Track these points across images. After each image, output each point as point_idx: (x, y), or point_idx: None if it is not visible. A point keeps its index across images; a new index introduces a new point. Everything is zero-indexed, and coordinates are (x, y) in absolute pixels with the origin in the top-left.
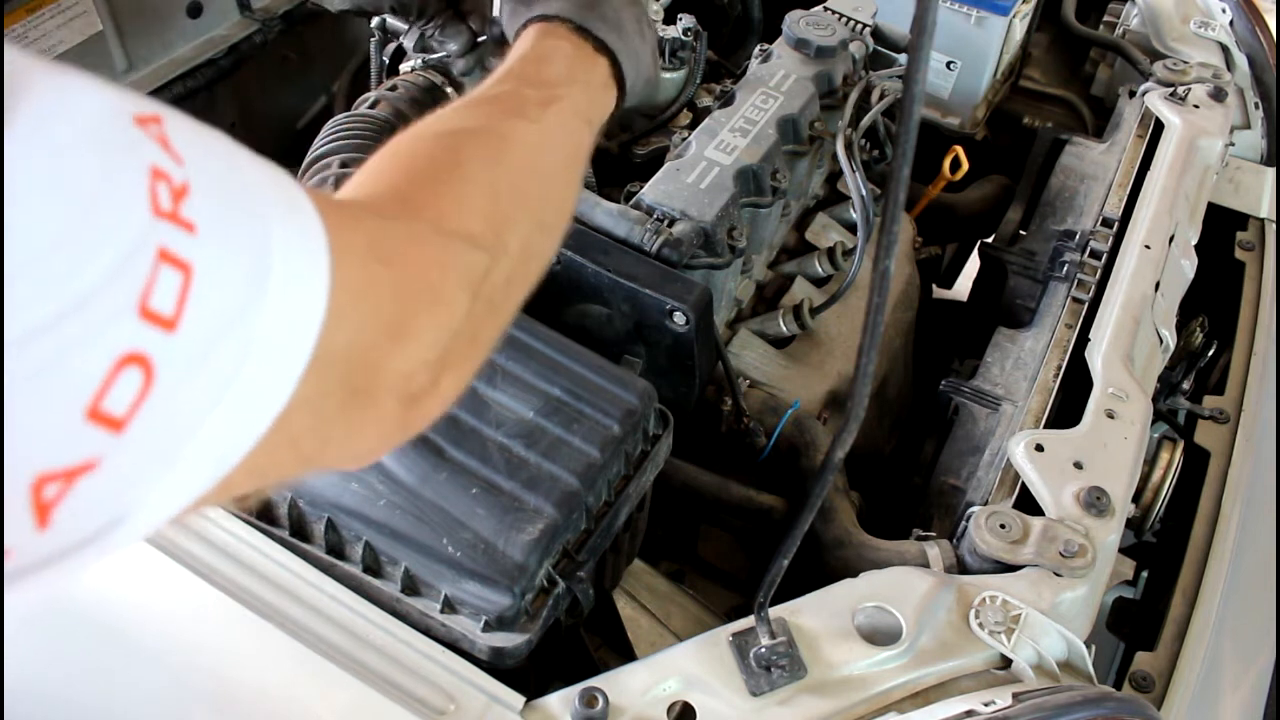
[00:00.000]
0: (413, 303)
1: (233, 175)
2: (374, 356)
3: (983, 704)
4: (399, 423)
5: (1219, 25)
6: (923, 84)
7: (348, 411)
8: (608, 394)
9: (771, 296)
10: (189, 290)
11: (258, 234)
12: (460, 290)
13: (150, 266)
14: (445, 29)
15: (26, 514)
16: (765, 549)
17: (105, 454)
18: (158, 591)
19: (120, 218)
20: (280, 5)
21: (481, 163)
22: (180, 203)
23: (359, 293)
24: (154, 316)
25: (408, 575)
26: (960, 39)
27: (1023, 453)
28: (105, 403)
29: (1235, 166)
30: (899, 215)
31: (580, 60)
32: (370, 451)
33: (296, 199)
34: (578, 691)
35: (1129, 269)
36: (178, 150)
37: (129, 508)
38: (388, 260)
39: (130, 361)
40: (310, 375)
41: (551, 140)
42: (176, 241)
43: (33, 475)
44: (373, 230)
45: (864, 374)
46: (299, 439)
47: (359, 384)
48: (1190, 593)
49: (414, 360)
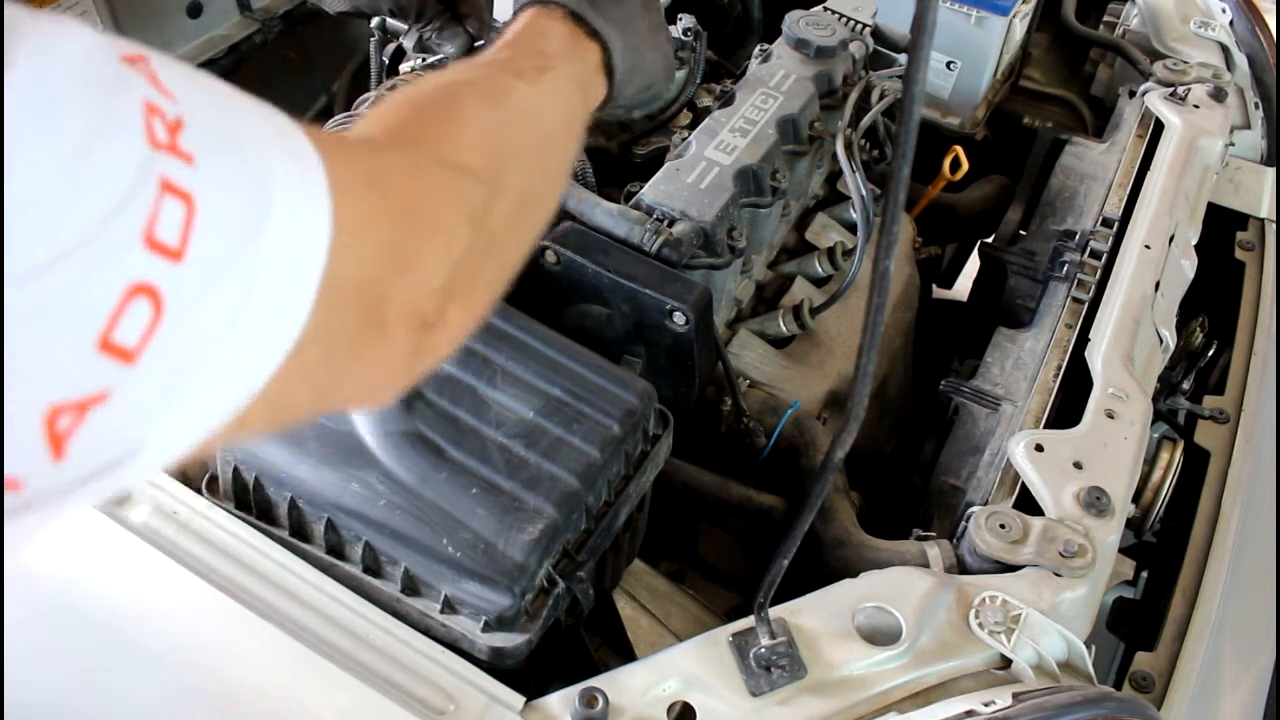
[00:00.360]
0: (414, 231)
1: (225, 109)
2: (380, 285)
3: (983, 704)
4: (410, 353)
5: (1219, 25)
6: (923, 84)
7: (359, 341)
8: (608, 394)
9: (771, 296)
10: (192, 220)
11: (255, 165)
12: (460, 219)
13: (153, 198)
14: (443, 31)
15: (41, 445)
16: (765, 549)
17: (117, 385)
18: (158, 591)
19: (119, 151)
20: (280, 5)
21: (479, 106)
22: (176, 135)
23: (361, 222)
24: (160, 247)
25: (408, 575)
26: (960, 39)
27: (1023, 453)
28: (116, 334)
29: (1235, 166)
30: (899, 215)
31: (573, 41)
32: (385, 384)
33: (290, 132)
34: (578, 691)
35: (1129, 269)
36: (168, 87)
37: (143, 439)
38: (386, 190)
39: (139, 292)
40: (319, 305)
41: (548, 101)
42: (176, 172)
43: (45, 406)
44: (370, 161)
45: (864, 374)
46: (313, 370)
47: (368, 313)
48: (1190, 593)
49: (419, 288)
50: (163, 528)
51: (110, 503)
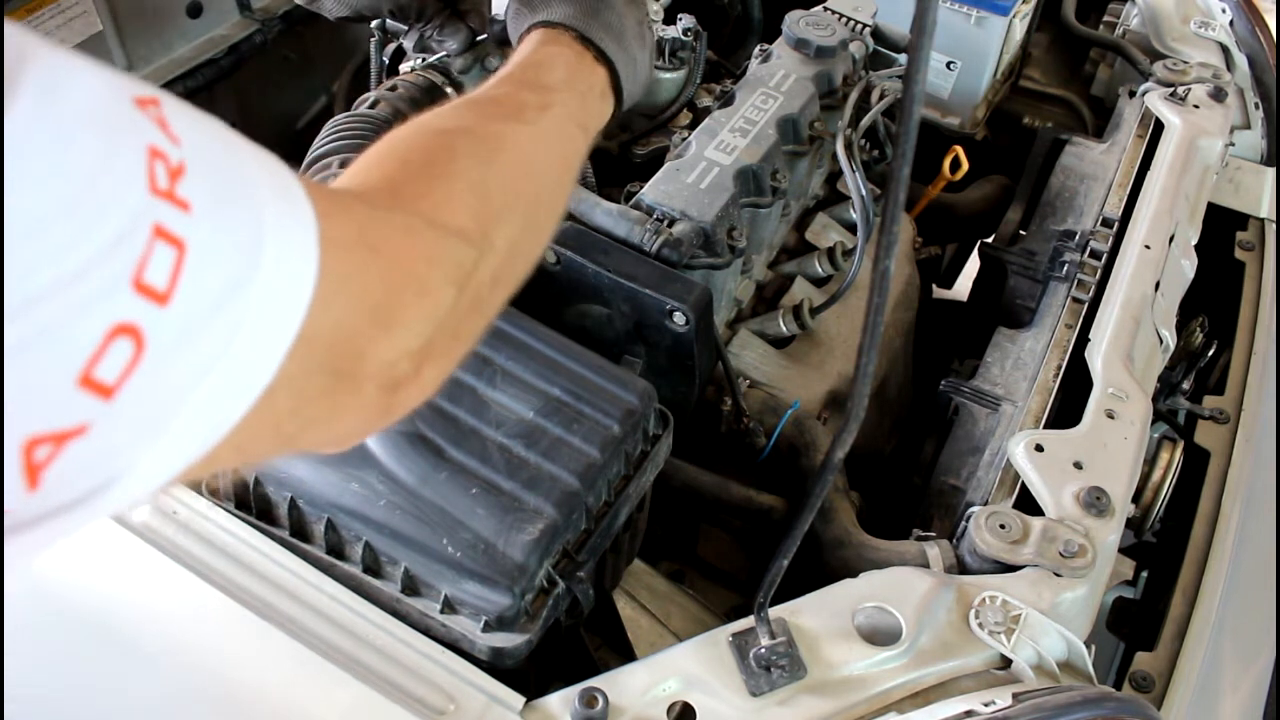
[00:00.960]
0: (399, 291)
1: (227, 159)
2: (358, 342)
3: (983, 704)
4: (379, 409)
5: (1219, 25)
6: (923, 84)
7: (330, 394)
8: (608, 394)
9: (771, 296)
10: (182, 266)
11: (250, 216)
12: (446, 283)
13: (145, 242)
14: (444, 29)
15: (17, 475)
16: (765, 549)
17: (95, 420)
18: (157, 592)
19: (119, 194)
20: (280, 5)
21: (474, 160)
22: (176, 182)
23: (346, 278)
24: (147, 290)
25: (408, 575)
26: (960, 39)
27: (1023, 453)
28: (97, 370)
29: (1235, 166)
30: (899, 215)
31: (580, 69)
32: (349, 435)
33: (288, 184)
34: (578, 691)
35: (1129, 269)
36: (175, 132)
37: (117, 473)
38: (376, 248)
39: (122, 332)
40: (294, 356)
41: (546, 144)
42: (172, 219)
43: (24, 438)
44: (363, 219)
45: (864, 374)
46: (281, 419)
47: (342, 368)
48: (1190, 593)
49: (398, 348)
50: (163, 528)
51: None
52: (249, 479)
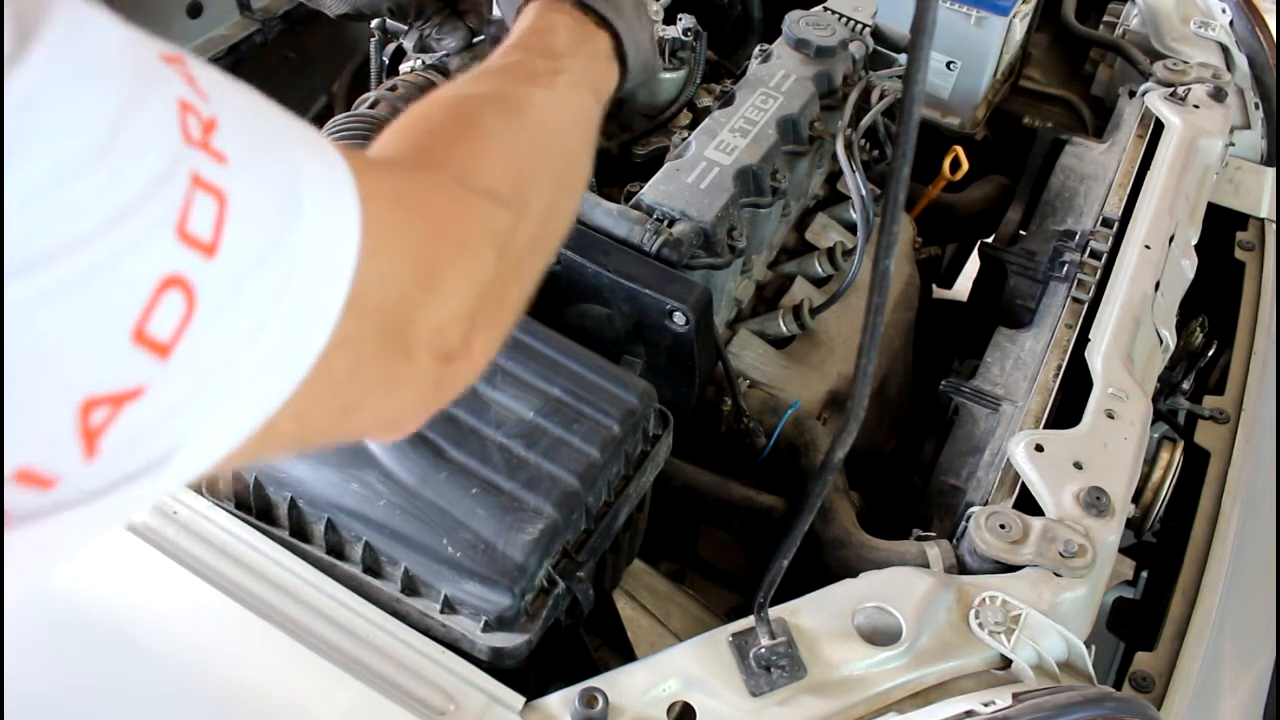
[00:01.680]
0: (441, 252)
1: (258, 115)
2: (406, 305)
3: (983, 704)
4: (433, 382)
5: (1219, 25)
6: (923, 84)
7: (384, 361)
8: (608, 394)
9: (771, 296)
10: (225, 217)
11: (286, 170)
12: (486, 244)
13: (185, 189)
14: (443, 28)
15: (74, 439)
16: (765, 549)
17: (151, 380)
18: (157, 592)
19: (153, 138)
20: (280, 5)
21: (499, 123)
22: (210, 134)
23: (389, 236)
24: (193, 240)
25: (408, 575)
26: (960, 39)
27: (1023, 453)
28: (150, 326)
29: (1235, 166)
30: (899, 215)
31: (583, 34)
32: (406, 413)
33: (321, 143)
34: (578, 691)
35: (1129, 269)
36: (203, 88)
37: (178, 441)
38: (414, 208)
39: (172, 284)
40: (347, 317)
41: (564, 105)
42: (209, 169)
43: (80, 397)
44: (398, 179)
45: (864, 374)
46: (338, 385)
47: (394, 332)
48: (1190, 593)
49: (445, 312)
50: (163, 528)
51: None
52: (249, 479)
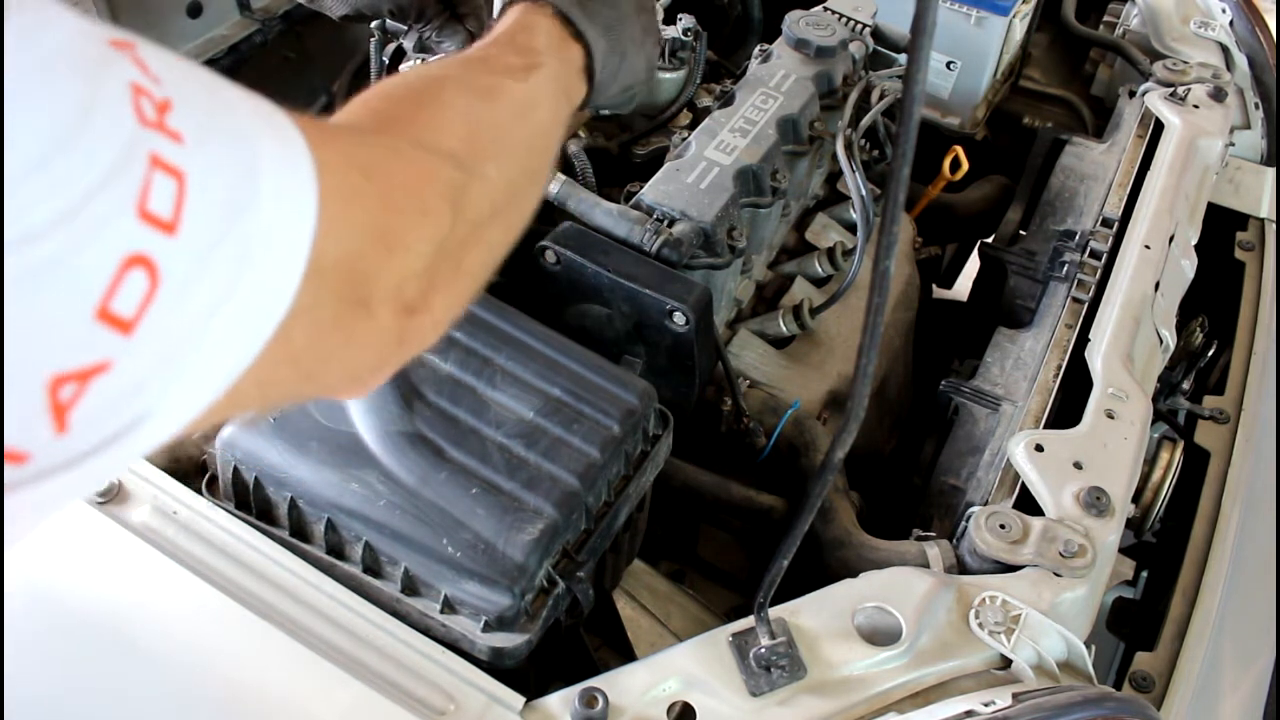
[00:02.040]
0: (397, 212)
1: (210, 93)
2: (365, 265)
3: (983, 704)
4: (395, 336)
5: (1219, 25)
6: (923, 84)
7: (345, 322)
8: (608, 394)
9: (771, 296)
10: (184, 195)
11: (243, 145)
12: (441, 202)
13: (144, 170)
14: (443, 31)
15: (44, 416)
16: (765, 549)
17: (116, 355)
18: (157, 592)
19: (110, 124)
20: (280, 5)
21: (462, 96)
22: (164, 115)
23: (345, 201)
24: (153, 219)
25: (408, 575)
26: (960, 39)
27: (1023, 453)
28: (114, 303)
29: (1235, 166)
30: (899, 215)
31: (560, 40)
32: (369, 368)
33: (274, 115)
34: (578, 691)
35: (1129, 269)
36: (155, 71)
37: (144, 411)
38: (369, 173)
39: (135, 263)
40: (306, 284)
41: (533, 97)
42: (166, 149)
43: (48, 375)
44: (353, 145)
45: (864, 374)
46: (299, 351)
47: (353, 293)
48: (1190, 593)
49: (404, 270)
50: (163, 528)
51: (110, 502)
52: (248, 479)
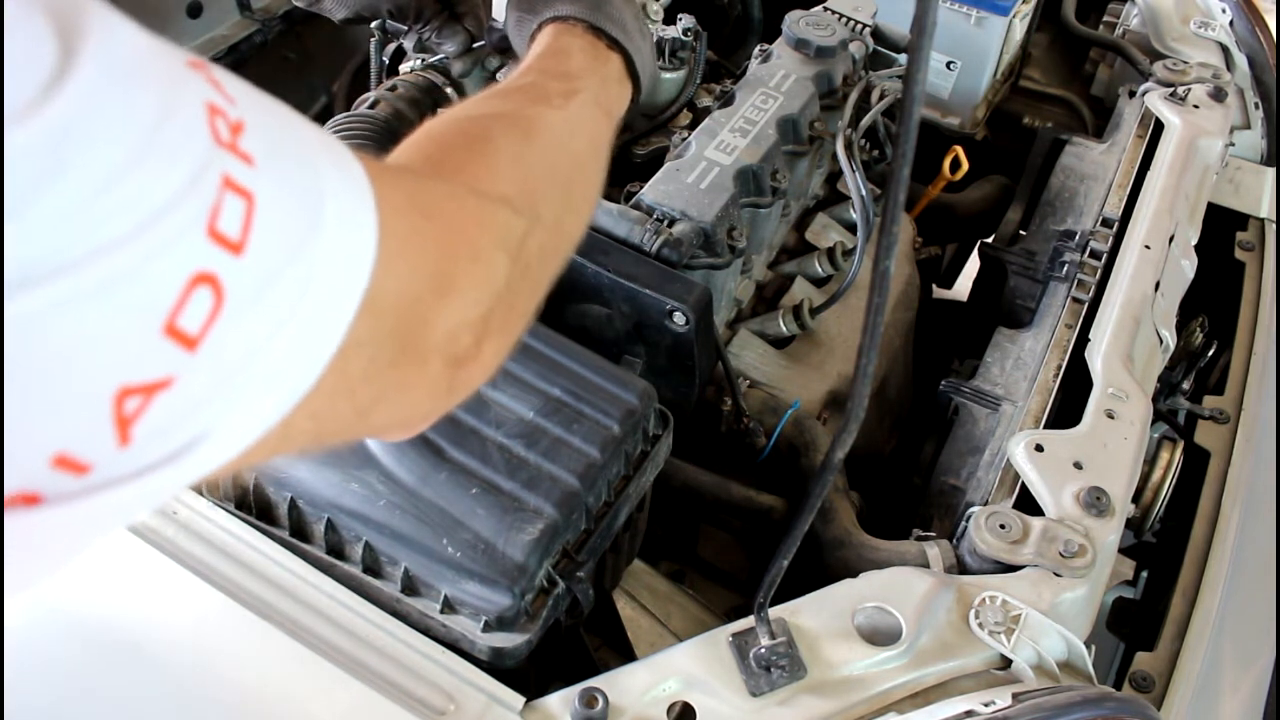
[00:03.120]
0: (454, 258)
1: (280, 120)
2: (420, 309)
3: (983, 704)
4: (445, 385)
5: (1219, 25)
6: (923, 84)
7: (398, 365)
8: (608, 394)
9: (771, 296)
10: (252, 217)
11: (310, 173)
12: (498, 251)
13: (216, 190)
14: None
15: (109, 427)
16: (765, 549)
17: (180, 371)
18: (157, 592)
19: (185, 143)
20: (280, 5)
21: (511, 139)
22: (237, 136)
23: (404, 240)
24: (222, 239)
25: (408, 575)
26: (960, 39)
27: (1023, 453)
28: (180, 320)
29: (1235, 166)
30: (899, 215)
31: (597, 56)
32: (418, 414)
33: (338, 147)
34: (578, 691)
35: (1129, 269)
36: (229, 92)
37: (203, 432)
38: (428, 214)
39: (202, 281)
40: (363, 318)
41: (577, 126)
42: (238, 171)
43: (115, 387)
44: (412, 186)
45: (864, 374)
46: (353, 386)
47: (408, 336)
48: (1190, 593)
49: (458, 318)
50: (163, 528)
51: None
52: (249, 479)
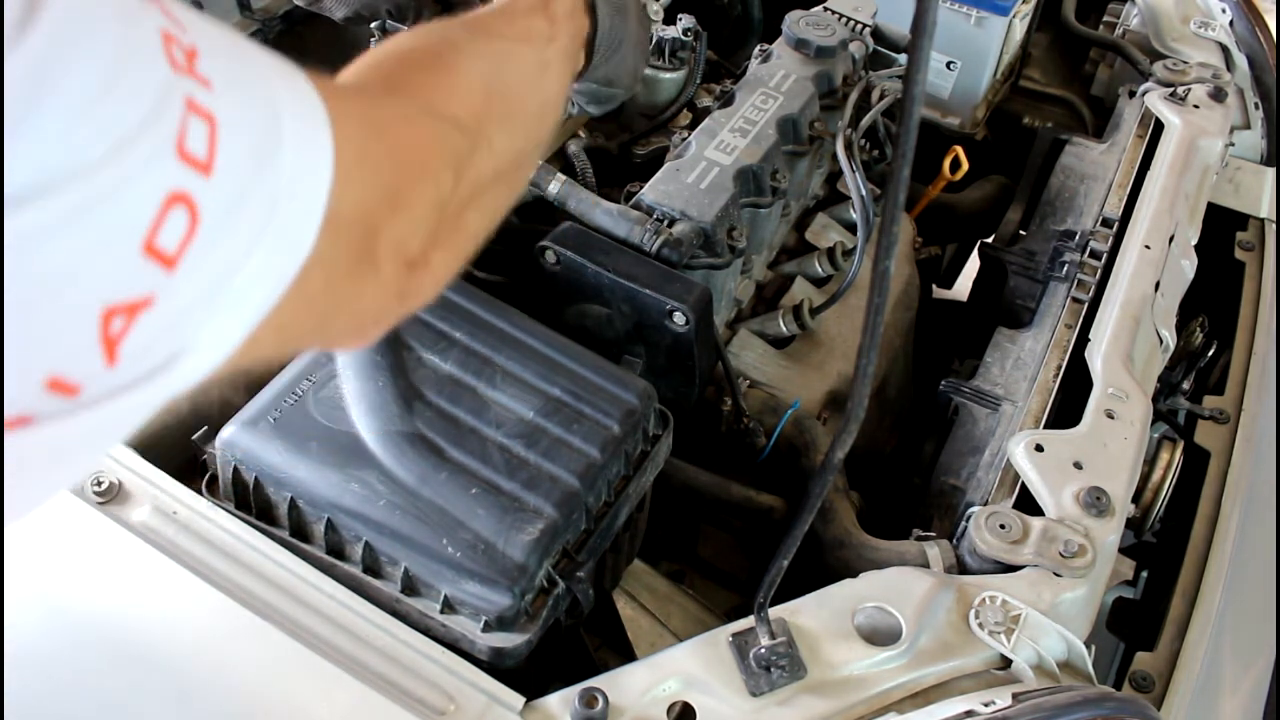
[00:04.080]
0: (404, 173)
1: (231, 43)
2: (374, 221)
3: (982, 704)
4: (397, 290)
5: (1219, 25)
6: (923, 84)
7: (354, 273)
8: (608, 394)
9: (771, 296)
10: (216, 138)
11: (265, 95)
12: (445, 167)
13: (180, 113)
14: None
15: (97, 347)
16: (765, 549)
17: (160, 289)
18: (156, 592)
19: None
20: (280, 5)
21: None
22: (193, 61)
23: (357, 158)
24: (191, 159)
25: (407, 575)
26: (960, 39)
27: (1023, 453)
28: (158, 239)
29: (1235, 166)
30: (899, 215)
31: (574, 10)
32: (373, 320)
33: (290, 70)
34: (578, 691)
35: (1129, 269)
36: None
37: (182, 347)
38: (380, 134)
39: (176, 201)
40: (323, 234)
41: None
42: (198, 94)
43: (101, 307)
44: (364, 106)
45: (864, 374)
46: (315, 297)
47: (362, 245)
48: (1190, 593)
49: (408, 227)
50: (163, 528)
51: (110, 502)
52: (248, 479)
